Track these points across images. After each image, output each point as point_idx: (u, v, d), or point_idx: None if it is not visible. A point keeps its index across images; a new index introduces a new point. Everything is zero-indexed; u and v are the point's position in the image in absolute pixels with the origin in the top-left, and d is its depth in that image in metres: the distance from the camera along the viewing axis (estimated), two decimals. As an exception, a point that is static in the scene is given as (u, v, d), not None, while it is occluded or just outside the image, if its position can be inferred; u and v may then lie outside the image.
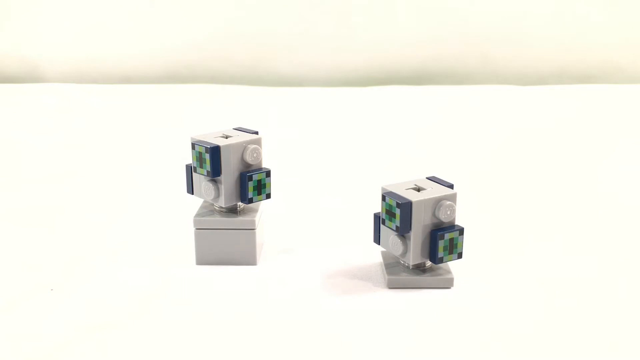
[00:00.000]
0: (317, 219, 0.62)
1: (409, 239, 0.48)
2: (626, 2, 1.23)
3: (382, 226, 0.49)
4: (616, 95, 1.13)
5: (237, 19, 1.24)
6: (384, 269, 0.50)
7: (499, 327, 0.44)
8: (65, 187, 0.71)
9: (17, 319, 0.45)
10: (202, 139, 0.51)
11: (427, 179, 0.50)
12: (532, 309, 0.47)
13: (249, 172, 0.51)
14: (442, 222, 0.48)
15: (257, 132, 0.53)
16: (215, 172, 0.50)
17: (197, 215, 0.53)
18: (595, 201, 0.67)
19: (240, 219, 0.52)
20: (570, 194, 0.69)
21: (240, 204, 0.53)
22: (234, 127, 0.54)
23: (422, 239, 0.48)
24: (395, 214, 0.47)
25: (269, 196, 0.53)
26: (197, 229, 0.52)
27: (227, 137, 0.52)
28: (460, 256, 0.49)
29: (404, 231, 0.47)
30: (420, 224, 0.47)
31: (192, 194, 0.53)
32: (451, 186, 0.49)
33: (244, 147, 0.51)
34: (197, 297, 0.48)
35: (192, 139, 0.52)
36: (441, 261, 0.48)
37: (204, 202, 0.54)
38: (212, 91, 1.17)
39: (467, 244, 0.52)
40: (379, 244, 0.50)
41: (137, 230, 0.60)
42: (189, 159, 0.53)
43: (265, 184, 0.52)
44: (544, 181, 0.73)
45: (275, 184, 0.55)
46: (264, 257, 0.54)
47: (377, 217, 0.50)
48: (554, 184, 0.72)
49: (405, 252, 0.48)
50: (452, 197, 0.48)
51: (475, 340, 0.43)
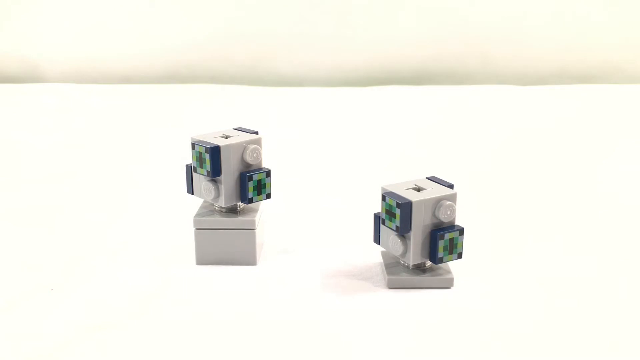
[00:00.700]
0: (317, 219, 0.62)
1: (409, 239, 0.48)
2: (626, 2, 1.23)
3: (382, 226, 0.49)
4: (616, 95, 1.13)
5: (237, 19, 1.24)
6: (384, 269, 0.50)
7: (499, 327, 0.44)
8: (65, 187, 0.71)
9: (17, 319, 0.45)
10: (202, 139, 0.51)
11: (427, 179, 0.50)
12: (532, 309, 0.47)
13: (249, 172, 0.51)
14: (442, 222, 0.48)
15: (257, 132, 0.53)
16: (215, 172, 0.50)
17: (197, 215, 0.53)
18: (595, 201, 0.67)
19: (240, 219, 0.52)
20: (570, 194, 0.69)
21: (240, 204, 0.53)
22: (234, 127, 0.54)
23: (422, 239, 0.48)
24: (395, 214, 0.47)
25: (269, 196, 0.53)
26: (197, 229, 0.52)
27: (227, 137, 0.52)
28: (460, 256, 0.49)
29: (404, 231, 0.47)
30: (420, 224, 0.47)
31: (192, 194, 0.53)
32: (451, 186, 0.49)
33: (244, 147, 0.51)
34: (197, 297, 0.48)
35: (192, 139, 0.52)
36: (441, 261, 0.48)
37: (204, 202, 0.54)
38: (212, 91, 1.17)
39: (467, 244, 0.52)
40: (379, 244, 0.50)
41: (137, 230, 0.60)
42: (189, 159, 0.53)
43: (265, 184, 0.52)
44: (544, 181, 0.73)
45: (275, 184, 0.55)
46: (264, 257, 0.54)
47: (377, 217, 0.50)
48: (554, 184, 0.72)
49: (405, 252, 0.48)
50: (452, 197, 0.48)
51: (475, 340, 0.43)
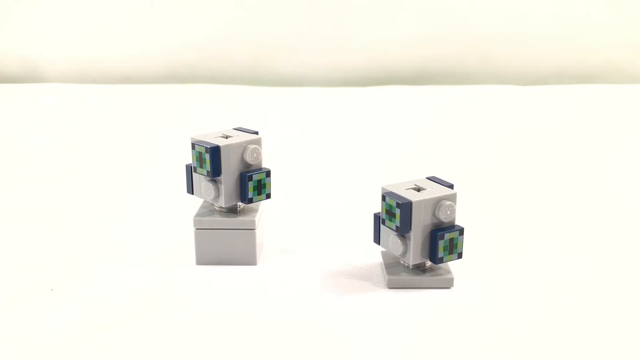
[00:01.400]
0: (317, 219, 0.62)
1: (409, 239, 0.47)
2: (626, 2, 1.23)
3: (382, 226, 0.49)
4: (616, 95, 1.13)
5: (237, 19, 1.24)
6: (384, 269, 0.50)
7: (499, 327, 0.44)
8: (65, 187, 0.71)
9: (17, 319, 0.45)
10: (202, 139, 0.51)
11: (427, 179, 0.50)
12: (532, 309, 0.47)
13: (249, 172, 0.51)
14: (442, 222, 0.48)
15: (257, 132, 0.53)
16: (215, 172, 0.50)
17: (197, 215, 0.53)
18: (595, 201, 0.67)
19: (240, 219, 0.52)
20: (570, 194, 0.69)
21: (240, 204, 0.53)
22: (234, 127, 0.54)
23: (422, 239, 0.48)
24: (395, 214, 0.47)
25: (269, 196, 0.53)
26: (197, 229, 0.52)
27: (227, 137, 0.52)
28: (460, 256, 0.49)
29: (404, 231, 0.47)
30: (420, 224, 0.47)
31: (192, 194, 0.53)
32: (451, 186, 0.49)
33: (244, 147, 0.51)
34: (197, 297, 0.48)
35: (192, 139, 0.52)
36: (441, 261, 0.48)
37: (204, 202, 0.54)
38: (212, 91, 1.17)
39: (467, 244, 0.52)
40: (379, 244, 0.50)
41: (137, 230, 0.60)
42: (189, 159, 0.53)
43: (265, 184, 0.52)
44: (544, 181, 0.73)
45: (275, 184, 0.55)
46: (264, 257, 0.54)
47: (377, 217, 0.50)
48: (554, 184, 0.72)
49: (405, 252, 0.48)
50: (452, 197, 0.48)
51: (475, 340, 0.43)
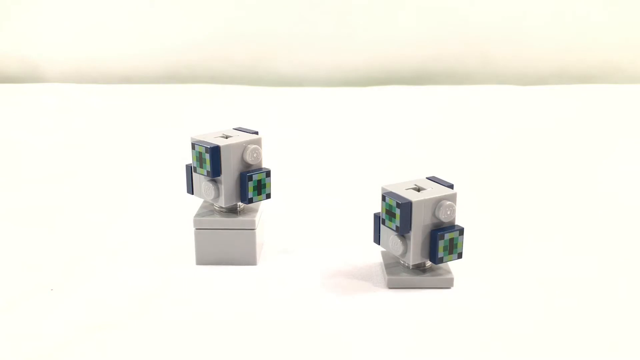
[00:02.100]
0: (317, 219, 0.62)
1: (409, 239, 0.47)
2: (626, 2, 1.23)
3: (382, 226, 0.49)
4: (616, 95, 1.13)
5: (237, 19, 1.24)
6: (384, 269, 0.50)
7: (499, 327, 0.44)
8: (65, 187, 0.71)
9: (17, 319, 0.45)
10: (202, 139, 0.51)
11: (427, 179, 0.50)
12: (532, 309, 0.47)
13: (249, 172, 0.51)
14: (442, 222, 0.48)
15: (257, 132, 0.53)
16: (215, 172, 0.50)
17: (197, 215, 0.53)
18: (595, 201, 0.67)
19: (240, 219, 0.52)
20: (570, 194, 0.69)
21: (240, 204, 0.53)
22: (234, 127, 0.54)
23: (422, 239, 0.48)
24: (395, 214, 0.47)
25: (269, 196, 0.53)
26: (197, 229, 0.52)
27: (227, 137, 0.52)
28: (460, 256, 0.49)
29: (404, 231, 0.47)
30: (420, 224, 0.47)
31: (192, 194, 0.53)
32: (451, 186, 0.49)
33: (244, 147, 0.51)
34: (197, 297, 0.48)
35: (192, 139, 0.52)
36: (441, 261, 0.48)
37: (204, 202, 0.54)
38: (212, 91, 1.17)
39: (467, 244, 0.52)
40: (379, 244, 0.50)
41: (137, 230, 0.60)
42: (189, 159, 0.53)
43: (265, 184, 0.52)
44: (543, 181, 0.73)
45: (275, 184, 0.55)
46: (264, 257, 0.54)
47: (377, 217, 0.50)
48: (554, 184, 0.72)
49: (405, 252, 0.48)
50: (452, 197, 0.48)
51: (475, 340, 0.43)
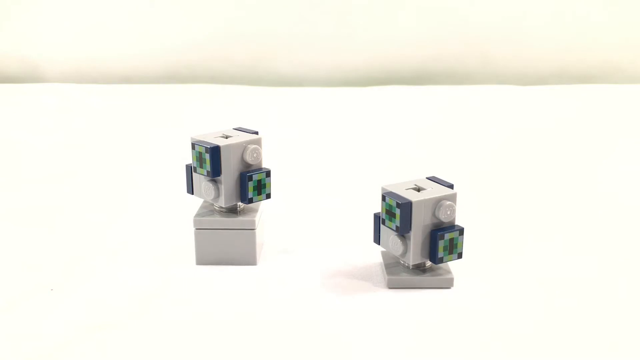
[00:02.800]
0: (317, 219, 0.62)
1: (409, 239, 0.47)
2: (626, 2, 1.23)
3: (382, 226, 0.49)
4: (616, 95, 1.13)
5: (237, 19, 1.24)
6: (384, 269, 0.50)
7: (499, 327, 0.44)
8: (65, 187, 0.71)
9: (17, 319, 0.45)
10: (202, 139, 0.51)
11: (427, 179, 0.50)
12: (532, 309, 0.47)
13: (249, 172, 0.51)
14: (442, 222, 0.48)
15: (257, 132, 0.53)
16: (215, 172, 0.50)
17: (197, 215, 0.53)
18: (595, 201, 0.67)
19: (240, 219, 0.52)
20: (570, 194, 0.69)
21: (240, 204, 0.53)
22: (234, 127, 0.54)
23: (422, 239, 0.48)
24: (395, 214, 0.47)
25: (269, 196, 0.53)
26: (197, 229, 0.52)
27: (227, 137, 0.52)
28: (460, 256, 0.49)
29: (404, 231, 0.47)
30: (420, 224, 0.47)
31: (192, 194, 0.53)
32: (451, 186, 0.49)
33: (244, 147, 0.51)
34: (197, 297, 0.48)
35: (192, 139, 0.52)
36: (441, 261, 0.48)
37: (204, 202, 0.54)
38: (212, 91, 1.17)
39: (467, 244, 0.52)
40: (379, 244, 0.50)
41: (137, 230, 0.60)
42: (189, 159, 0.53)
43: (265, 184, 0.52)
44: (543, 181, 0.73)
45: (275, 184, 0.55)
46: (264, 257, 0.54)
47: (377, 217, 0.50)
48: (554, 184, 0.72)
49: (405, 252, 0.48)
50: (452, 197, 0.48)
51: (475, 340, 0.43)
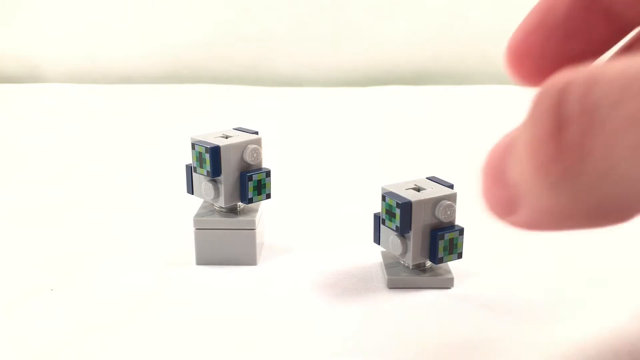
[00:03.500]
0: (317, 219, 0.62)
1: (409, 239, 0.47)
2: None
3: (382, 226, 0.49)
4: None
5: (237, 19, 1.24)
6: (384, 269, 0.50)
7: (499, 327, 0.44)
8: (65, 187, 0.71)
9: (17, 319, 0.45)
10: (202, 139, 0.51)
11: (427, 179, 0.50)
12: (532, 308, 0.47)
13: (249, 172, 0.51)
14: (442, 222, 0.48)
15: (257, 132, 0.53)
16: (215, 172, 0.50)
17: (197, 215, 0.53)
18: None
19: (240, 219, 0.52)
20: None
21: (240, 204, 0.53)
22: (234, 127, 0.54)
23: (422, 239, 0.48)
24: (395, 214, 0.47)
25: (269, 196, 0.53)
26: (197, 229, 0.52)
27: (227, 137, 0.52)
28: (460, 256, 0.49)
29: (404, 231, 0.47)
30: (420, 224, 0.47)
31: (192, 194, 0.53)
32: (451, 186, 0.49)
33: (244, 147, 0.51)
34: (197, 297, 0.48)
35: (192, 139, 0.52)
36: (441, 261, 0.48)
37: (204, 202, 0.54)
38: (212, 91, 1.17)
39: (467, 244, 0.52)
40: (379, 244, 0.50)
41: (137, 230, 0.60)
42: (189, 159, 0.53)
43: (265, 184, 0.52)
44: (544, 181, 0.73)
45: (275, 184, 0.55)
46: (264, 257, 0.54)
47: (377, 217, 0.50)
48: (554, 184, 0.72)
49: (405, 252, 0.48)
50: (452, 197, 0.48)
51: (475, 340, 0.43)
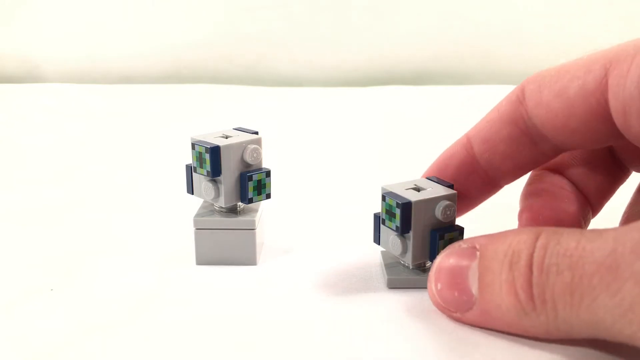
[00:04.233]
0: (317, 219, 0.62)
1: (409, 239, 0.47)
2: (626, 2, 1.23)
3: (382, 226, 0.49)
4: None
5: (237, 19, 1.25)
6: (384, 269, 0.50)
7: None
8: (64, 187, 0.71)
9: (17, 319, 0.45)
10: (202, 139, 0.51)
11: (427, 179, 0.50)
12: (532, 309, 0.47)
13: (249, 172, 0.51)
14: (442, 222, 0.48)
15: (257, 132, 0.53)
16: (215, 172, 0.50)
17: (197, 215, 0.53)
18: (595, 201, 0.67)
19: (240, 219, 0.52)
20: (570, 194, 0.69)
21: (240, 204, 0.53)
22: (234, 127, 0.54)
23: (422, 239, 0.48)
24: (395, 214, 0.47)
25: (269, 196, 0.53)
26: (197, 229, 0.52)
27: (227, 137, 0.52)
28: (460, 256, 0.49)
29: (404, 231, 0.47)
30: (420, 224, 0.47)
31: (192, 194, 0.53)
32: (451, 186, 0.49)
33: (244, 147, 0.51)
34: (197, 297, 0.48)
35: (192, 139, 0.52)
36: (441, 261, 0.48)
37: (204, 202, 0.54)
38: (212, 91, 1.17)
39: (467, 244, 0.52)
40: (379, 244, 0.50)
41: (137, 230, 0.60)
42: (189, 159, 0.53)
43: (265, 184, 0.52)
44: (544, 181, 0.73)
45: (275, 184, 0.55)
46: (264, 257, 0.54)
47: (377, 217, 0.50)
48: (554, 184, 0.72)
49: (405, 252, 0.48)
50: (452, 197, 0.48)
51: (475, 340, 0.43)
